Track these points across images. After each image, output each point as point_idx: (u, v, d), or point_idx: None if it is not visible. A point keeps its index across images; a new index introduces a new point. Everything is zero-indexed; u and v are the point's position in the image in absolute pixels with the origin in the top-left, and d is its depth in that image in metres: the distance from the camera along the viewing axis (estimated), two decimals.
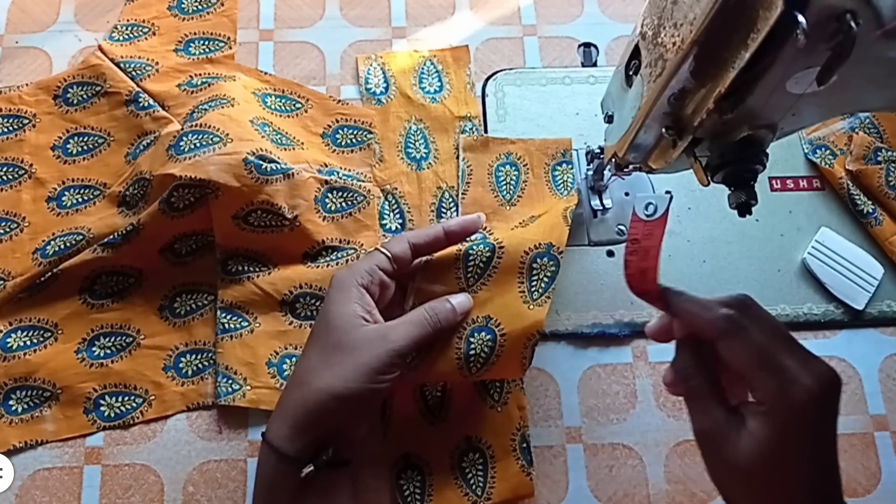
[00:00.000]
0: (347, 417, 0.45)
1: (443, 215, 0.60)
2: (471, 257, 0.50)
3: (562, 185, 0.60)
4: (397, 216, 0.60)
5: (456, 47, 0.66)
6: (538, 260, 0.50)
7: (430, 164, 0.62)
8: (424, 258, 0.51)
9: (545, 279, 0.50)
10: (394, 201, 0.60)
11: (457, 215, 0.59)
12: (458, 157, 0.62)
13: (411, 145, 0.62)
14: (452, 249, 0.51)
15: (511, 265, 0.50)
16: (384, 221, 0.59)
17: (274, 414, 0.45)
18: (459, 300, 0.49)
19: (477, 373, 0.48)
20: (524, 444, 0.53)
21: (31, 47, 0.65)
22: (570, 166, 0.61)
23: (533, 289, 0.50)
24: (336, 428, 0.45)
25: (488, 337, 0.48)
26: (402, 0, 0.68)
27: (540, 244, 0.51)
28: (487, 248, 0.50)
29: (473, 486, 0.52)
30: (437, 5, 0.69)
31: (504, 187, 0.60)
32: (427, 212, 0.60)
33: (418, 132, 0.63)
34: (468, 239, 0.52)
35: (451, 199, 0.60)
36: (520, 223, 0.56)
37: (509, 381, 0.54)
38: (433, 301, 0.48)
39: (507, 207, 0.60)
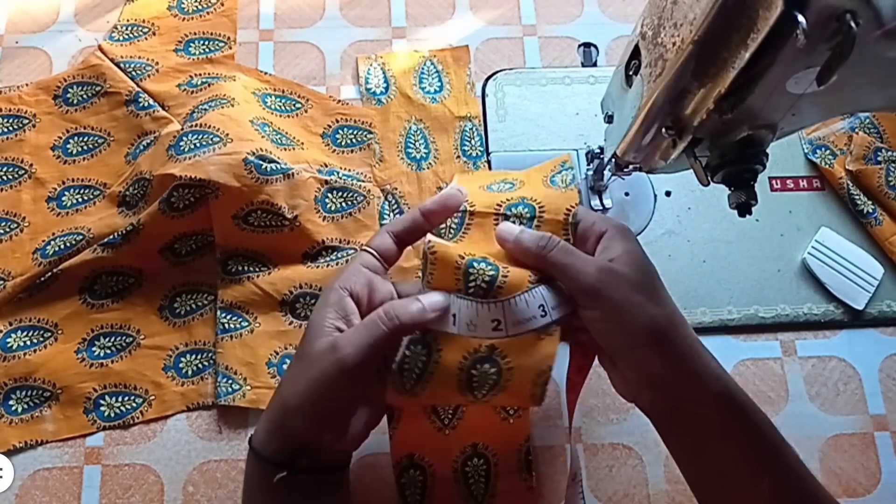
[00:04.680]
0: (305, 428, 0.42)
1: None
2: (471, 277, 0.43)
3: (560, 183, 0.50)
4: (398, 216, 0.60)
5: (456, 47, 0.66)
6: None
7: (430, 164, 0.62)
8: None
9: None
10: (394, 201, 0.60)
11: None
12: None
13: (411, 145, 0.62)
14: (453, 258, 0.43)
15: (517, 288, 0.43)
16: (384, 221, 0.59)
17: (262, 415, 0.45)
18: (432, 300, 0.42)
19: (483, 399, 0.44)
20: (529, 457, 0.52)
21: (31, 47, 0.65)
22: (570, 171, 0.51)
23: None
24: (299, 436, 0.43)
25: (493, 370, 0.42)
26: (402, 0, 0.68)
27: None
28: (490, 268, 0.43)
29: (474, 492, 0.51)
30: (437, 5, 0.69)
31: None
32: None
33: (418, 132, 0.63)
34: (467, 254, 0.44)
35: None
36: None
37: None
38: (396, 301, 0.43)
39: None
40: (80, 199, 0.59)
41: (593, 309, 0.42)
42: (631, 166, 0.51)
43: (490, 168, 0.62)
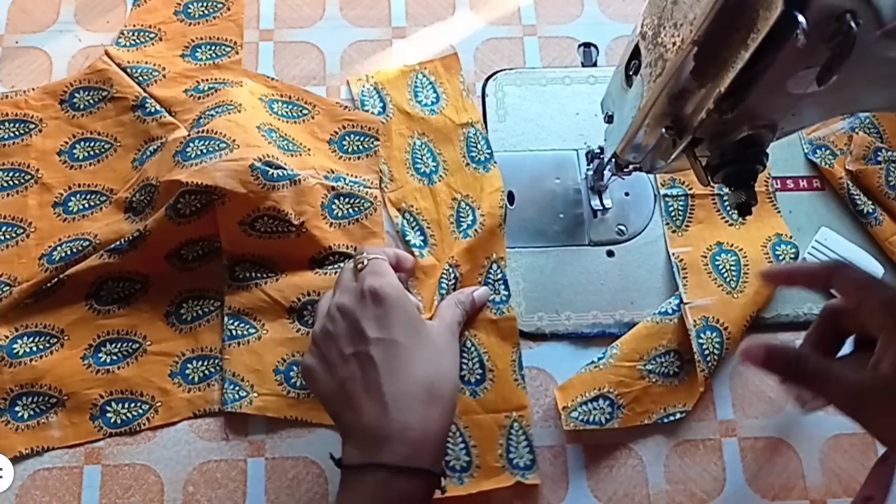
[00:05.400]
0: (453, 405, 0.46)
1: (461, 224, 0.59)
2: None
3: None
4: (418, 233, 0.59)
5: (444, 56, 0.66)
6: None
7: (440, 176, 0.61)
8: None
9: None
10: (412, 219, 0.60)
11: (474, 224, 0.58)
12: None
13: (419, 160, 0.62)
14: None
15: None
16: (408, 238, 0.58)
17: (395, 446, 0.42)
18: (479, 293, 0.55)
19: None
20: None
21: (31, 47, 0.66)
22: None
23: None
24: (443, 421, 0.45)
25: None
26: (402, 0, 0.68)
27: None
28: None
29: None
30: (437, 5, 0.69)
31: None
32: (446, 225, 0.59)
33: (423, 146, 0.62)
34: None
35: (467, 208, 0.59)
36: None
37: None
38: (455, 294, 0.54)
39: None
40: (86, 205, 0.59)
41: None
42: (631, 166, 0.51)
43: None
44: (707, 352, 0.54)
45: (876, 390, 0.38)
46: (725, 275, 0.57)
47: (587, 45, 0.67)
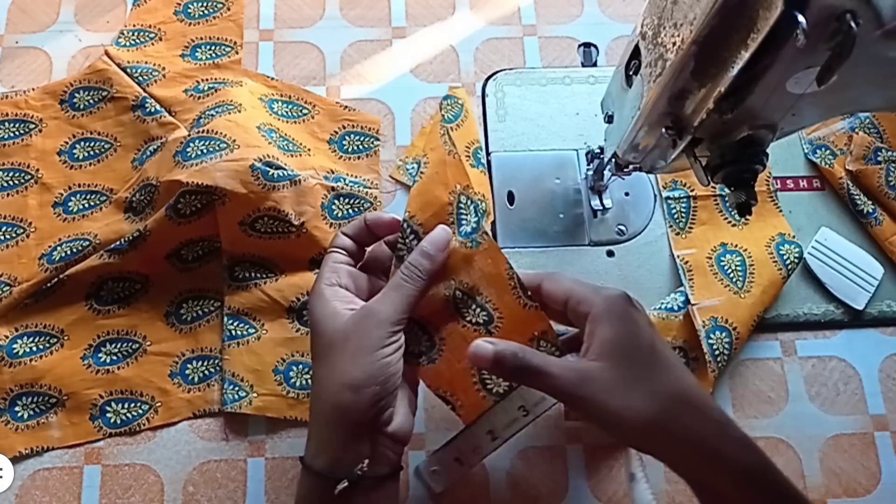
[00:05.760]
0: (368, 409, 0.42)
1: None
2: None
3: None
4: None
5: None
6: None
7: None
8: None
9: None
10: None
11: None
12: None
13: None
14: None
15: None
16: None
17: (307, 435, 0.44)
18: (432, 239, 0.45)
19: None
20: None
21: (31, 47, 0.66)
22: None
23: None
24: (362, 426, 0.42)
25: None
26: (402, 0, 0.68)
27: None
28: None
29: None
30: (437, 5, 0.69)
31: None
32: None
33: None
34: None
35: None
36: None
37: None
38: (409, 258, 0.45)
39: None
40: (86, 205, 0.59)
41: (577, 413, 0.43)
42: (631, 166, 0.51)
43: (490, 170, 0.62)
44: (717, 352, 0.54)
45: (584, 378, 0.41)
46: (731, 275, 0.57)
47: (587, 45, 0.67)
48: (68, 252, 0.56)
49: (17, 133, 0.61)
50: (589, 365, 0.41)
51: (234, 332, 0.55)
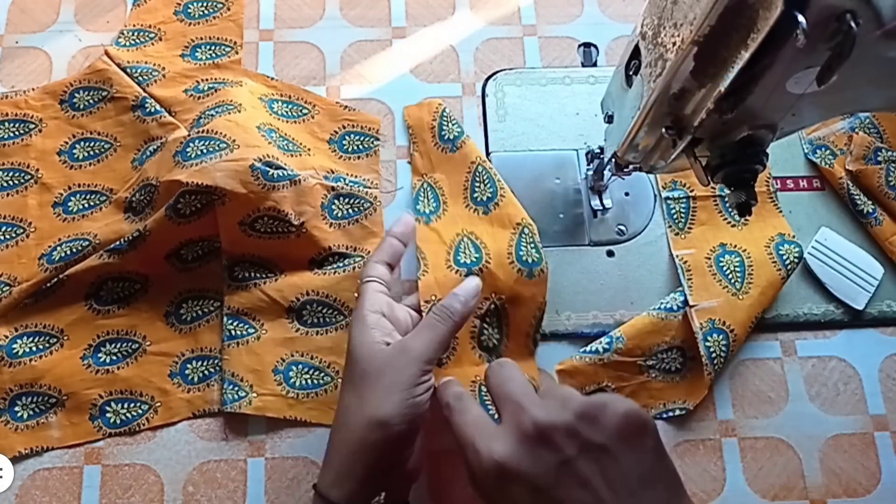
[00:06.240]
0: (393, 446, 0.43)
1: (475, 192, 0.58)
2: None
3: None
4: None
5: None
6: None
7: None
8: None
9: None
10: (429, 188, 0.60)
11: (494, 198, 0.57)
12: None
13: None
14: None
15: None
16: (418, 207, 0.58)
17: (323, 462, 0.45)
18: (465, 288, 0.49)
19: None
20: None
21: (31, 47, 0.66)
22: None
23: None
24: (385, 462, 0.43)
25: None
26: (401, 0, 0.68)
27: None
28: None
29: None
30: (437, 5, 0.69)
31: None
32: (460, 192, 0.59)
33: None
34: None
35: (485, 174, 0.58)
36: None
37: None
38: (441, 300, 0.48)
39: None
40: (86, 205, 0.59)
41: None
42: (631, 166, 0.51)
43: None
44: (714, 354, 0.54)
45: (484, 473, 0.38)
46: (730, 276, 0.57)
47: (587, 45, 0.67)
48: (68, 252, 0.56)
49: (16, 133, 0.61)
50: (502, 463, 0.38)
51: (233, 332, 0.55)
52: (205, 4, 0.67)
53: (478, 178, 0.58)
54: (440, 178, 0.60)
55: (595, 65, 0.67)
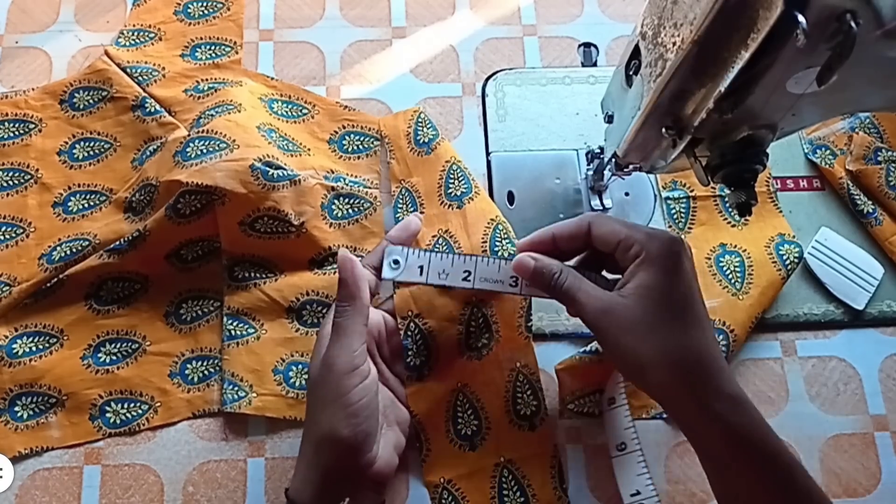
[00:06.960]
0: (346, 454, 0.44)
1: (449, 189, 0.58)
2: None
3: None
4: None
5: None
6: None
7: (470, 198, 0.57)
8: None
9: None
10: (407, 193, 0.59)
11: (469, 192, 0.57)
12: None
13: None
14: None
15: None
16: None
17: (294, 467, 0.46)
18: (341, 267, 0.47)
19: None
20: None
21: (31, 47, 0.66)
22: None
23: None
24: (340, 471, 0.45)
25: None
26: (401, 0, 0.68)
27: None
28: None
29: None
30: (437, 5, 0.69)
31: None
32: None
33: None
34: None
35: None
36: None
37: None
38: (335, 297, 0.48)
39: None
40: (86, 205, 0.59)
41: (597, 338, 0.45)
42: (631, 166, 0.51)
43: (489, 170, 0.62)
44: None
45: (606, 311, 0.43)
46: (730, 276, 0.57)
47: (587, 45, 0.67)
48: (68, 252, 0.56)
49: (16, 133, 0.61)
50: (616, 300, 0.43)
51: (233, 332, 0.55)
52: (205, 4, 0.67)
53: (452, 176, 0.58)
54: (416, 181, 0.59)
55: (595, 65, 0.67)
